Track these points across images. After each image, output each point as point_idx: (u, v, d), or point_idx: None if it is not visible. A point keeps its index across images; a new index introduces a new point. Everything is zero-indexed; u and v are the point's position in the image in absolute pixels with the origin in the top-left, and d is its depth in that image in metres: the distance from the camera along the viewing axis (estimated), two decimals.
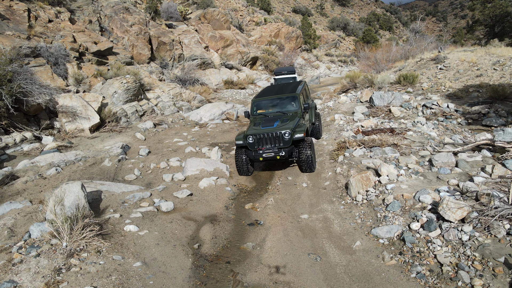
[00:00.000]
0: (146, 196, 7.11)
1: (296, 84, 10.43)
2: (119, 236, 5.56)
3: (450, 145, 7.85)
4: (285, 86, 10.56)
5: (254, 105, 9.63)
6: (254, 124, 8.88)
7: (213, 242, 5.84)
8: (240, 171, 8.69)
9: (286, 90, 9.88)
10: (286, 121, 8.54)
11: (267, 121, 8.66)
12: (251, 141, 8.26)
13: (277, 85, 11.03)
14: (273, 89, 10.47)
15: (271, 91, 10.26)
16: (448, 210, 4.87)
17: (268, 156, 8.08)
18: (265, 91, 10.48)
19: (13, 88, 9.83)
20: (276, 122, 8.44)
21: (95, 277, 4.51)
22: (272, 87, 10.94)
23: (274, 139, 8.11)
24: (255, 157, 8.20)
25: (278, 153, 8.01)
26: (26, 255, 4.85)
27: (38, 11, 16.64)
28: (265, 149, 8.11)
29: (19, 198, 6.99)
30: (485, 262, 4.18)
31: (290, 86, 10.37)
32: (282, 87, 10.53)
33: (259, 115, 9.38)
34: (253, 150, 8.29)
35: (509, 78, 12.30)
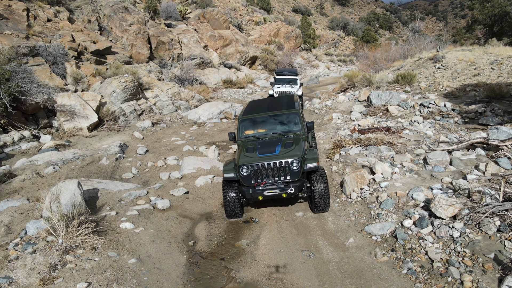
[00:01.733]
0: (142, 194, 7.16)
1: (291, 98, 8.36)
2: (115, 233, 5.62)
3: (445, 143, 7.89)
4: (278, 100, 8.53)
5: (242, 125, 7.38)
6: (246, 150, 6.60)
7: (208, 239, 5.89)
8: (230, 214, 6.48)
9: (282, 105, 7.80)
10: (290, 145, 6.48)
11: (264, 146, 6.55)
12: (246, 174, 6.14)
13: (268, 100, 8.88)
14: (263, 104, 8.33)
15: (262, 106, 8.07)
16: (440, 207, 4.92)
17: (271, 194, 6.04)
18: (255, 106, 8.24)
19: (12, 87, 9.88)
20: (277, 147, 6.40)
21: (90, 273, 4.56)
22: (262, 101, 8.80)
23: (278, 170, 6.10)
24: (252, 195, 6.07)
25: (285, 189, 6.00)
26: (22, 251, 4.90)
27: (37, 10, 16.70)
28: (267, 185, 6.08)
29: (16, 196, 7.05)
30: (475, 258, 4.23)
31: (285, 100, 8.33)
32: (274, 101, 8.48)
33: (250, 137, 7.16)
34: (249, 186, 6.16)
35: (506, 77, 12.34)
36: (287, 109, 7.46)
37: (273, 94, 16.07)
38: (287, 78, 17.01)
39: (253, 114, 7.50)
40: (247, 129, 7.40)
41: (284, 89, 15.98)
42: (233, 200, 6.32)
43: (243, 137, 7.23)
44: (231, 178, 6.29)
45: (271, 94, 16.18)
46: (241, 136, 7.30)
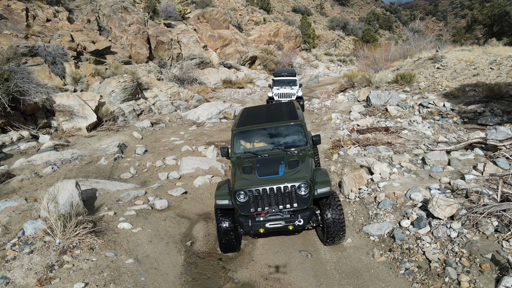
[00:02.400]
0: (141, 194, 7.15)
1: (291, 106, 7.18)
2: (113, 234, 5.61)
3: (444, 143, 7.89)
4: (276, 108, 7.31)
5: (237, 139, 6.27)
6: (242, 169, 5.52)
7: (205, 240, 5.88)
8: (225, 248, 5.45)
9: (282, 115, 6.67)
10: (295, 165, 5.42)
11: (265, 166, 5.46)
12: (243, 201, 5.10)
13: (265, 107, 7.61)
14: (260, 112, 7.10)
15: (258, 115, 6.86)
16: (438, 207, 4.92)
17: (274, 227, 5.01)
18: (250, 115, 6.97)
19: (10, 87, 9.88)
20: (280, 167, 5.33)
21: (87, 273, 4.55)
22: (258, 109, 7.49)
23: (283, 196, 5.06)
24: (252, 228, 5.03)
25: (291, 221, 4.95)
26: (20, 252, 4.90)
27: (36, 10, 16.69)
28: (269, 214, 5.04)
29: (14, 196, 7.05)
30: (473, 258, 4.22)
31: (285, 108, 7.14)
32: (272, 109, 7.23)
33: (246, 153, 6.04)
34: (248, 216, 5.17)
35: (505, 77, 12.33)
36: (289, 119, 6.31)
37: (272, 96, 15.71)
38: (286, 79, 16.64)
39: (249, 125, 6.31)
40: (243, 143, 6.33)
41: (284, 90, 15.63)
42: (227, 232, 5.23)
43: (238, 154, 6.09)
44: (226, 206, 5.22)
45: (271, 97, 15.81)
46: (236, 152, 6.13)
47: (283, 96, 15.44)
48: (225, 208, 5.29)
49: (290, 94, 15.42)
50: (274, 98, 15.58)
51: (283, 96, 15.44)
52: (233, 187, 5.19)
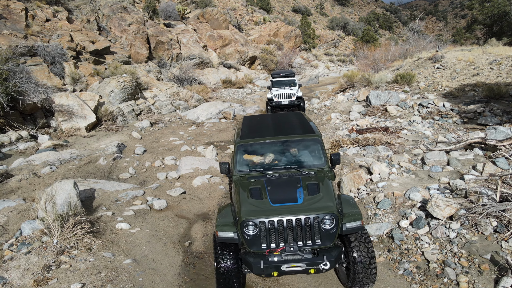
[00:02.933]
0: (139, 194, 7.14)
1: (302, 117, 5.99)
2: (111, 234, 5.60)
3: (443, 143, 7.87)
4: (285, 118, 6.20)
5: (241, 153, 5.13)
6: (249, 192, 4.44)
7: (204, 240, 5.86)
8: None
9: (294, 127, 5.56)
10: (315, 189, 4.37)
11: (278, 188, 4.44)
12: (253, 234, 4.05)
13: (270, 116, 6.41)
14: (266, 122, 6.01)
15: (265, 126, 5.77)
16: (437, 207, 4.90)
17: (292, 270, 3.97)
18: (255, 125, 5.87)
19: (9, 87, 9.86)
20: (298, 192, 4.30)
21: (85, 274, 4.54)
22: (262, 119, 6.34)
23: (303, 230, 4.02)
24: (264, 270, 3.97)
25: (314, 263, 3.93)
26: (17, 252, 4.88)
27: (36, 10, 16.68)
28: (285, 254, 3.98)
29: (12, 196, 7.03)
30: (471, 259, 4.20)
31: (296, 119, 5.95)
32: (280, 120, 6.09)
33: (253, 172, 4.90)
34: (258, 253, 4.10)
35: (505, 77, 12.32)
36: (303, 133, 5.21)
37: (272, 97, 15.07)
38: (285, 79, 16.10)
39: (255, 138, 5.21)
40: (247, 159, 5.12)
41: (284, 91, 15.04)
42: (229, 273, 4.05)
43: (242, 171, 4.94)
44: (230, 239, 4.10)
45: (270, 98, 15.19)
46: (239, 169, 4.97)
47: (283, 97, 15.01)
48: (226, 242, 4.14)
49: (290, 94, 14.96)
50: (274, 100, 15.10)
51: (283, 97, 15.01)
52: (239, 215, 4.10)
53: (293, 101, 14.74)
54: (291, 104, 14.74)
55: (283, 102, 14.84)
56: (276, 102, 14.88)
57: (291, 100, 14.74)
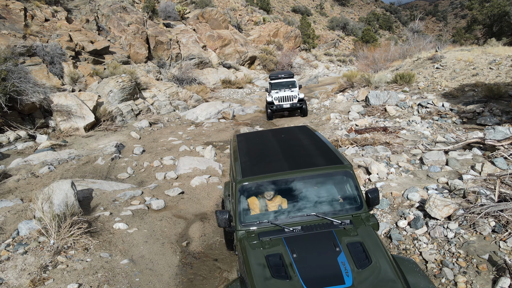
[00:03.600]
0: (137, 194, 7.12)
1: (315, 136, 4.72)
2: (108, 234, 5.58)
3: (442, 143, 7.85)
4: (294, 138, 4.81)
5: (244, 198, 3.69)
6: (267, 264, 3.05)
7: (201, 240, 5.85)
8: None
9: (312, 154, 4.18)
10: (362, 255, 3.07)
11: (307, 256, 3.08)
12: None
13: (271, 134, 5.13)
14: (268, 145, 4.67)
15: (271, 153, 4.37)
16: (435, 207, 4.88)
17: None
18: (254, 149, 4.56)
19: (7, 86, 9.85)
20: (340, 263, 2.96)
21: (81, 274, 4.52)
22: (262, 138, 5.03)
23: None
24: None
25: None
26: (14, 252, 4.86)
27: (35, 10, 16.67)
28: None
29: (10, 196, 7.01)
30: (469, 259, 4.19)
31: (307, 137, 4.72)
32: (287, 140, 4.74)
33: (264, 224, 3.53)
34: None
35: (504, 77, 12.30)
36: (327, 163, 3.78)
37: (272, 101, 14.28)
38: (284, 81, 15.25)
39: (262, 174, 3.72)
40: (253, 204, 3.70)
41: (284, 93, 14.28)
42: None
43: (250, 224, 3.52)
44: None
45: (270, 101, 14.39)
46: (245, 221, 3.55)
47: (284, 99, 14.14)
48: None
49: (292, 97, 14.17)
50: (275, 103, 14.23)
51: (284, 99, 14.14)
52: None
53: (295, 103, 14.11)
54: (293, 107, 14.14)
55: (284, 106, 14.17)
56: (277, 105, 14.19)
57: (293, 103, 14.11)
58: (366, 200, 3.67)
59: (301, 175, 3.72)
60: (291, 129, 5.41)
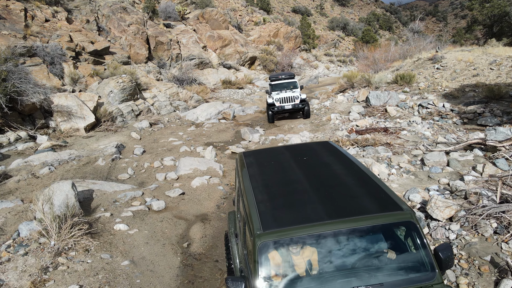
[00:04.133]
0: (138, 195, 7.11)
1: (345, 156, 3.82)
2: (109, 235, 5.57)
3: (443, 144, 7.85)
4: (321, 162, 3.74)
5: (267, 258, 2.58)
6: None
7: (202, 241, 5.84)
8: None
9: (353, 192, 3.03)
10: None
11: None
12: None
13: (292, 157, 3.97)
14: (291, 172, 3.55)
15: (296, 187, 3.20)
16: (436, 209, 4.87)
17: None
18: (273, 181, 3.41)
19: (8, 87, 9.84)
20: None
21: (82, 275, 4.51)
22: (280, 163, 3.84)
23: None
24: None
25: None
26: (14, 253, 4.85)
27: (35, 10, 16.66)
28: None
29: (10, 197, 7.00)
30: (471, 260, 4.17)
31: (339, 163, 3.65)
32: (313, 166, 3.67)
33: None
34: None
35: (505, 78, 12.29)
36: (381, 210, 2.74)
37: (273, 102, 13.94)
38: (285, 82, 14.90)
39: (294, 226, 2.66)
40: (274, 260, 2.67)
41: (285, 94, 13.96)
42: None
43: None
44: None
45: (271, 103, 14.03)
46: None
47: (285, 101, 13.81)
48: None
49: (293, 97, 13.83)
50: (276, 104, 13.86)
51: (285, 101, 13.81)
52: None
53: (297, 104, 13.77)
54: (295, 108, 13.83)
55: (286, 107, 13.83)
56: (279, 107, 13.85)
57: (294, 104, 13.78)
58: (436, 260, 2.61)
59: (346, 227, 2.62)
60: (312, 148, 4.29)
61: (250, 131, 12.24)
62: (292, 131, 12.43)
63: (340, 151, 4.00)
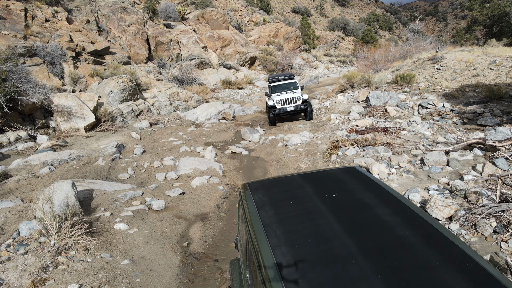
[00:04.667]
0: (138, 194, 7.11)
1: (392, 196, 2.58)
2: (109, 234, 5.57)
3: (443, 144, 7.85)
4: (365, 208, 2.47)
5: None
6: None
7: (202, 240, 5.84)
8: None
9: (432, 265, 1.82)
10: None
11: None
12: None
13: (324, 195, 2.74)
14: (326, 220, 2.37)
15: (344, 255, 2.00)
16: (436, 208, 4.87)
17: None
18: (307, 238, 2.21)
19: (8, 87, 9.85)
20: None
21: (82, 274, 4.51)
22: (307, 201, 2.68)
23: None
24: None
25: None
26: (14, 252, 4.85)
27: (35, 10, 16.67)
28: None
29: (11, 196, 7.00)
30: None
31: (385, 203, 2.49)
32: (354, 212, 2.44)
33: None
34: None
35: (505, 78, 12.30)
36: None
37: (274, 104, 13.41)
38: (285, 83, 14.40)
39: None
40: None
41: (286, 95, 13.44)
42: None
43: None
44: None
45: (272, 105, 13.45)
46: None
47: (286, 102, 13.30)
48: None
49: (295, 98, 13.29)
50: (277, 106, 13.32)
51: (286, 102, 13.30)
52: None
53: (299, 105, 13.24)
54: (297, 109, 13.30)
55: (288, 109, 13.27)
56: (280, 109, 13.30)
57: (297, 105, 13.24)
58: None
59: None
60: (336, 177, 3.11)
61: (250, 131, 12.25)
62: (292, 131, 12.44)
63: (377, 182, 2.90)
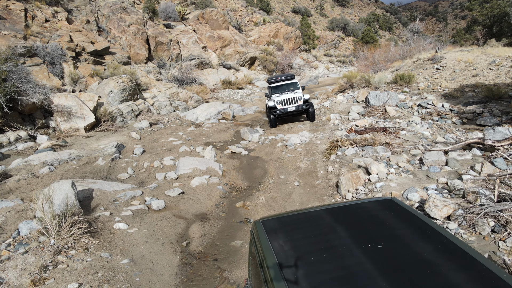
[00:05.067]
0: (137, 194, 7.13)
1: (456, 244, 2.04)
2: (108, 234, 5.59)
3: (442, 144, 7.86)
4: (426, 264, 1.89)
5: None
6: None
7: (202, 240, 5.86)
8: None
9: None
10: None
11: None
12: None
13: (367, 243, 2.12)
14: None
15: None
16: (434, 207, 4.89)
17: None
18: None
19: (8, 87, 9.87)
20: None
21: (82, 274, 4.53)
22: (344, 253, 2.05)
23: None
24: None
25: None
26: (14, 252, 4.87)
27: (35, 10, 16.69)
28: None
29: (11, 196, 7.02)
30: None
31: (446, 254, 1.97)
32: (412, 269, 1.87)
33: None
34: None
35: (504, 78, 12.31)
36: None
37: (274, 105, 13.04)
38: (285, 83, 14.01)
39: None
40: None
41: (287, 96, 13.03)
42: None
43: None
44: None
45: (273, 106, 13.09)
46: None
47: (288, 102, 12.90)
48: None
49: (296, 98, 12.90)
50: (278, 107, 12.95)
51: (288, 102, 12.90)
52: None
53: (301, 106, 12.85)
54: (298, 109, 12.89)
55: (289, 109, 12.86)
56: (281, 110, 12.90)
57: (298, 105, 12.83)
58: None
59: None
60: (377, 217, 2.49)
61: (249, 131, 12.27)
62: (292, 131, 12.45)
63: (428, 223, 2.35)
